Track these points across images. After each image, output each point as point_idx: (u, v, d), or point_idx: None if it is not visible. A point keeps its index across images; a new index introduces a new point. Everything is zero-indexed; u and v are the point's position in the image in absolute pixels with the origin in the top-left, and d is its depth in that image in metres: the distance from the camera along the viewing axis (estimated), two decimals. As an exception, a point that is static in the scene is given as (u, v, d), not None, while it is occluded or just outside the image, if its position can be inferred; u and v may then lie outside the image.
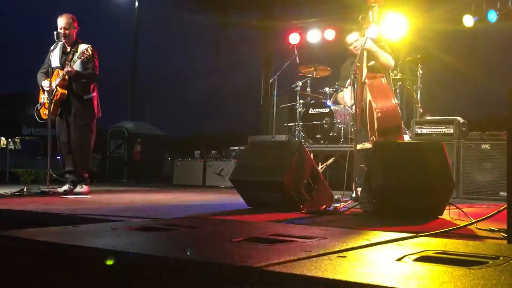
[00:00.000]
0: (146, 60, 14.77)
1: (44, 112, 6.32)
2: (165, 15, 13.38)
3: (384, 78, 5.44)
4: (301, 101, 8.76)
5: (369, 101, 5.26)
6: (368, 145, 5.40)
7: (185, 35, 14.09)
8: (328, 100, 8.60)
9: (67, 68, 6.10)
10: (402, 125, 5.57)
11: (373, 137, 5.28)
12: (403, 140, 5.38)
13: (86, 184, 6.35)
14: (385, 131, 5.19)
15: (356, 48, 5.96)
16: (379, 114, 5.14)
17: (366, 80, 5.33)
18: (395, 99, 5.36)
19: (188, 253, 1.89)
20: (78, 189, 6.29)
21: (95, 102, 6.38)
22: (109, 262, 1.90)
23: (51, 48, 6.35)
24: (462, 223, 3.38)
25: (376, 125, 5.15)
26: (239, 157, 8.33)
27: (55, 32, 6.21)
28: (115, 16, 14.21)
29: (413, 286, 1.43)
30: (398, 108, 5.40)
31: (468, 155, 7.23)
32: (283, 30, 12.03)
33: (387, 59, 5.58)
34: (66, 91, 6.21)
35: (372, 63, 5.49)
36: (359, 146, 5.48)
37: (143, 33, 14.83)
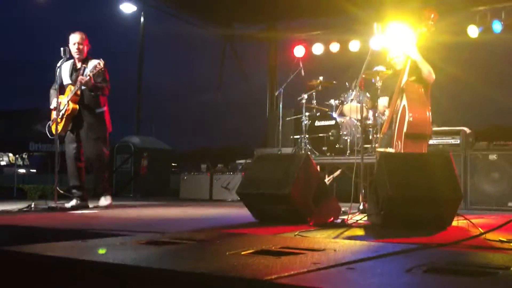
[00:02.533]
0: (151, 75, 14.84)
1: (55, 128, 6.37)
2: (170, 30, 13.45)
3: (423, 89, 5.45)
4: (306, 113, 8.77)
5: (404, 106, 5.25)
6: (391, 150, 5.38)
7: (190, 49, 14.17)
8: (334, 112, 8.60)
9: (85, 79, 6.15)
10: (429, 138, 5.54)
11: (399, 141, 5.26)
12: (425, 151, 5.36)
13: (109, 195, 6.46)
14: (412, 136, 5.18)
15: (398, 60, 5.87)
16: (411, 119, 5.14)
17: (405, 87, 5.34)
18: (430, 112, 5.35)
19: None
20: (102, 201, 6.43)
21: (107, 116, 6.46)
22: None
23: (58, 64, 6.40)
24: (471, 234, 3.36)
25: (405, 129, 5.14)
26: (246, 170, 8.32)
27: (62, 48, 6.26)
28: (120, 31, 14.31)
29: (424, 297, 1.42)
30: (431, 120, 5.38)
31: (476, 166, 7.20)
32: (287, 43, 12.08)
33: (430, 72, 5.54)
34: (77, 106, 6.29)
35: (413, 78, 5.48)
36: (380, 150, 5.48)
37: (148, 48, 14.91)
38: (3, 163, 10.54)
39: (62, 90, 6.43)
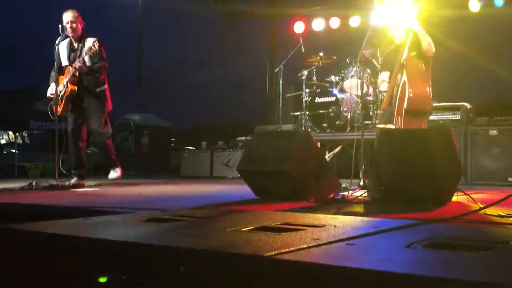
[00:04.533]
0: (150, 52, 14.73)
1: (56, 110, 6.37)
2: (168, 5, 13.33)
3: (424, 65, 5.40)
4: (307, 90, 8.73)
5: (404, 81, 5.22)
6: (391, 126, 5.37)
7: (189, 26, 14.04)
8: (334, 89, 8.57)
9: (78, 65, 6.15)
10: (430, 114, 5.51)
11: (399, 117, 5.23)
12: (426, 127, 5.33)
13: (118, 167, 6.56)
14: (412, 112, 5.14)
15: (397, 33, 5.79)
16: (411, 95, 5.09)
17: (405, 62, 5.29)
18: (430, 87, 5.31)
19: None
20: (112, 174, 6.53)
21: (107, 94, 6.46)
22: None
23: (57, 41, 6.36)
24: (471, 209, 3.38)
25: (405, 105, 5.11)
26: (246, 147, 8.32)
27: (60, 26, 6.23)
28: (118, 8, 14.17)
29: (425, 272, 1.43)
30: (431, 96, 5.34)
31: (476, 141, 7.19)
32: (287, 19, 11.98)
33: (430, 44, 5.46)
34: (76, 88, 6.28)
35: (413, 54, 5.43)
36: (380, 127, 5.46)
37: (147, 25, 14.79)
38: (2, 141, 10.53)
39: (61, 70, 6.41)
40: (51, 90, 6.34)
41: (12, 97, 13.12)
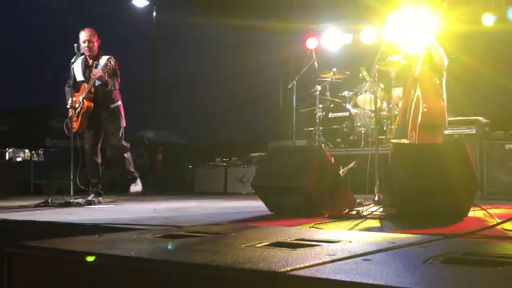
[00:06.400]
0: (164, 68, 14.84)
1: (72, 126, 6.43)
2: (182, 22, 13.45)
3: (437, 79, 5.38)
4: (320, 105, 8.74)
5: (417, 96, 5.20)
6: (405, 141, 5.34)
7: (203, 42, 14.13)
8: (347, 104, 8.57)
9: (99, 74, 6.20)
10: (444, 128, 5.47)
11: (413, 132, 5.21)
12: (440, 141, 5.30)
13: (138, 181, 6.57)
14: (427, 126, 5.12)
15: (410, 47, 5.78)
16: (425, 109, 5.07)
17: (418, 76, 5.28)
18: (444, 102, 5.28)
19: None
20: (133, 187, 6.54)
21: (121, 110, 6.51)
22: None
23: (72, 60, 6.44)
24: (487, 224, 3.34)
25: (419, 119, 5.09)
26: (260, 163, 8.33)
27: (75, 45, 6.33)
28: (132, 26, 14.32)
29: (441, 288, 1.41)
30: (445, 110, 5.32)
31: (492, 155, 7.14)
32: (300, 35, 12.02)
33: (442, 57, 5.45)
34: (92, 104, 6.34)
35: (426, 68, 5.42)
36: (395, 141, 5.44)
37: (161, 41, 14.94)
38: (18, 159, 10.62)
39: (75, 87, 6.48)
40: (70, 102, 6.39)
41: (28, 115, 13.27)
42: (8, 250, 2.29)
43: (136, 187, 6.57)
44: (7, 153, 10.00)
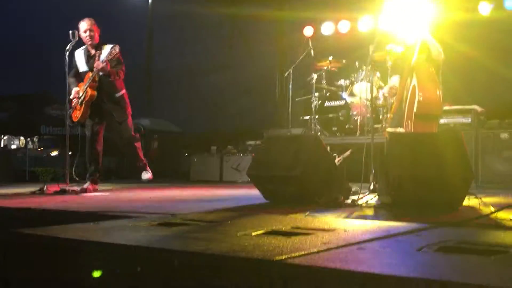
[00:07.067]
0: (160, 57, 14.79)
1: (75, 115, 6.40)
2: (178, 11, 13.38)
3: (433, 68, 5.38)
4: (316, 94, 8.72)
5: (414, 85, 5.20)
6: (401, 130, 5.35)
7: (198, 30, 14.08)
8: (343, 93, 8.55)
9: (102, 65, 6.16)
10: (440, 117, 5.48)
11: (409, 121, 5.22)
12: (436, 131, 5.31)
13: (148, 169, 6.63)
14: (423, 116, 5.12)
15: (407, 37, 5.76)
16: (421, 98, 5.07)
17: (415, 66, 5.27)
18: (440, 91, 5.29)
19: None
20: (144, 175, 6.62)
21: (126, 98, 6.50)
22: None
23: (67, 47, 6.37)
24: (482, 213, 3.36)
25: (415, 108, 5.09)
26: (256, 151, 8.33)
27: (70, 32, 6.26)
28: (128, 14, 14.24)
29: (436, 276, 1.42)
30: (441, 99, 5.32)
31: (487, 144, 7.16)
32: (296, 23, 11.98)
33: (439, 52, 5.46)
34: (95, 92, 6.29)
35: (423, 57, 5.40)
36: (390, 130, 5.44)
37: (156, 30, 14.88)
38: (13, 146, 10.59)
39: (79, 77, 6.45)
40: (73, 93, 6.37)
41: (23, 102, 13.20)
42: (3, 237, 2.29)
43: (148, 174, 6.63)
44: (2, 140, 9.98)
